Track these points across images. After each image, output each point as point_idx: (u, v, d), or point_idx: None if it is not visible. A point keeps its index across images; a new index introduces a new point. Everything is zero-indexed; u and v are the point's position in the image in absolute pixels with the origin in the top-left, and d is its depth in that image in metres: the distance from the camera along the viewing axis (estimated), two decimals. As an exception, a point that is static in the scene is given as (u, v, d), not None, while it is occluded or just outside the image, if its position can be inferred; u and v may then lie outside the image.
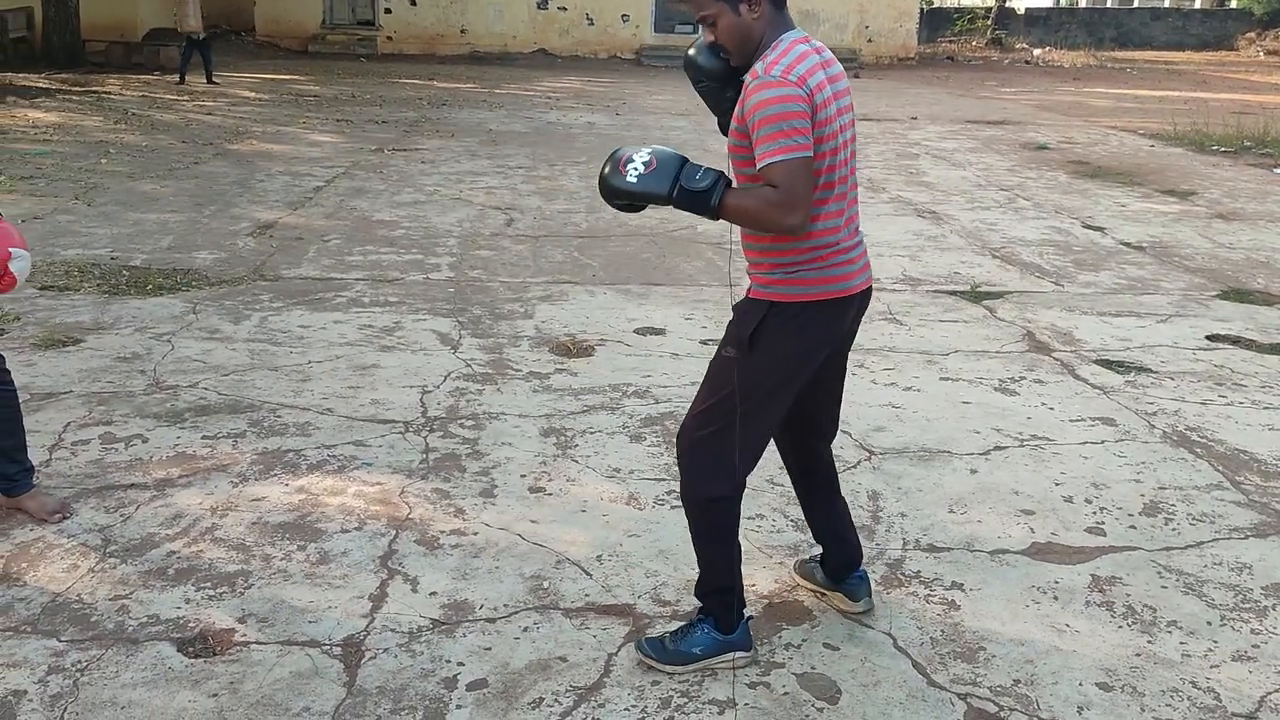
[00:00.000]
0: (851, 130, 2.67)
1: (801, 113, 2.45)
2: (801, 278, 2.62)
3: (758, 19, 2.57)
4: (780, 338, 2.64)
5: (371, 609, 3.07)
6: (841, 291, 2.67)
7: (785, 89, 2.45)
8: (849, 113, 2.66)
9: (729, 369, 2.67)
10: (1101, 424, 4.56)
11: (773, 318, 2.63)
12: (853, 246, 2.70)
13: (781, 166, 2.43)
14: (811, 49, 2.59)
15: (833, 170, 2.59)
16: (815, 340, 2.68)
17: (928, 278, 6.94)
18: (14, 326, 5.35)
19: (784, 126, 2.43)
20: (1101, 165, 11.72)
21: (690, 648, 2.82)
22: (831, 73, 2.61)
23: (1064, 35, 32.95)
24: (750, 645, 2.86)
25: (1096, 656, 2.95)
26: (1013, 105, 17.95)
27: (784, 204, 2.45)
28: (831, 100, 2.56)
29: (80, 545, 3.35)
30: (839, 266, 2.66)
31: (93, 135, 11.85)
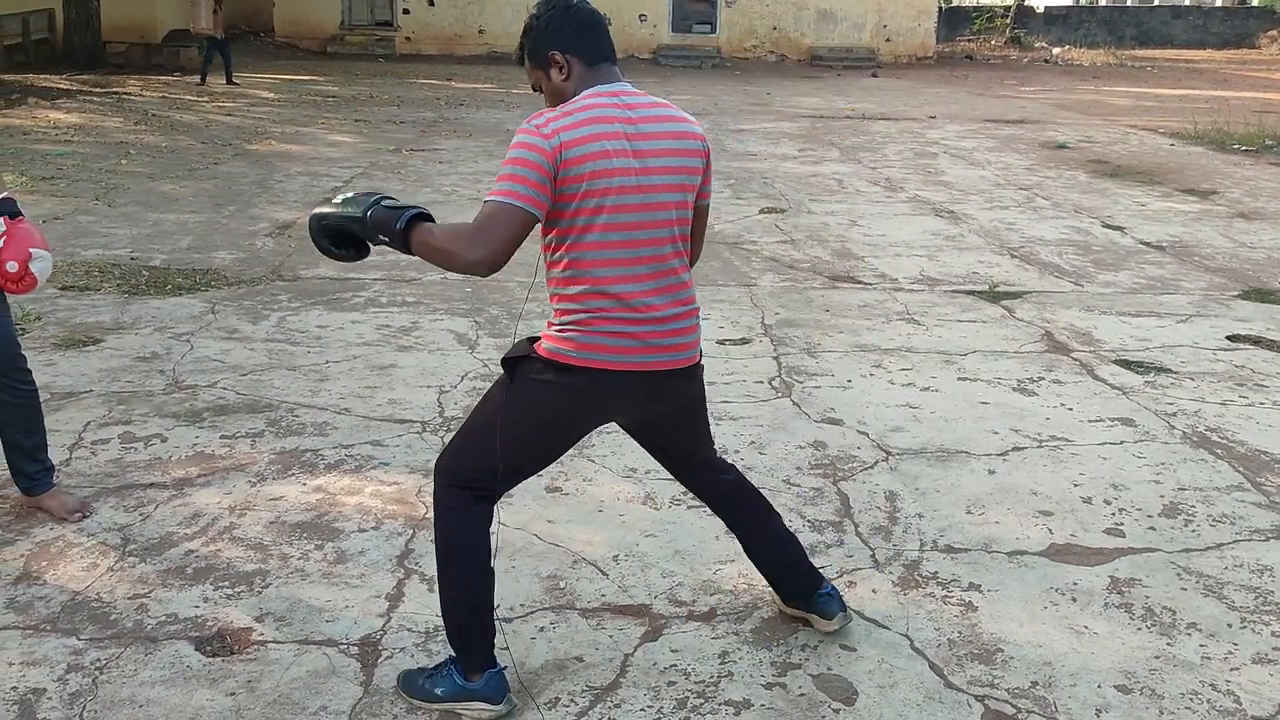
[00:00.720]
0: (669, 195, 2.51)
1: (534, 164, 2.36)
2: (563, 337, 2.49)
3: (566, 80, 2.52)
4: (531, 385, 2.52)
5: (388, 608, 3.07)
6: (612, 364, 2.48)
7: (529, 137, 2.38)
8: (670, 174, 2.50)
9: (491, 397, 2.62)
10: (1121, 424, 4.54)
11: (529, 361, 2.53)
12: (653, 320, 2.50)
13: (488, 206, 2.36)
14: (607, 103, 2.47)
15: (594, 230, 2.43)
16: (567, 403, 2.52)
17: (946, 277, 6.91)
18: (35, 326, 5.39)
19: (510, 171, 2.37)
20: (1121, 164, 11.65)
21: (433, 688, 2.64)
22: (640, 130, 2.48)
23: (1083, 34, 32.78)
24: (499, 699, 2.60)
25: (1115, 659, 2.93)
26: (1032, 104, 17.86)
27: (469, 238, 2.36)
28: (605, 156, 2.40)
29: (100, 544, 3.38)
30: (611, 336, 2.47)
31: (113, 136, 11.93)
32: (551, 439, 2.63)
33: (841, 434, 4.37)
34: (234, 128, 12.91)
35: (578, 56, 2.52)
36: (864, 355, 5.35)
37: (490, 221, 2.35)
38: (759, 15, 25.97)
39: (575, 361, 2.48)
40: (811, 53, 25.82)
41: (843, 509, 3.74)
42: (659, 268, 2.53)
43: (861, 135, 13.63)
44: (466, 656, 2.63)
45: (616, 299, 2.48)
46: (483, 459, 2.55)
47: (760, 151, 12.11)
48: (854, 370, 5.13)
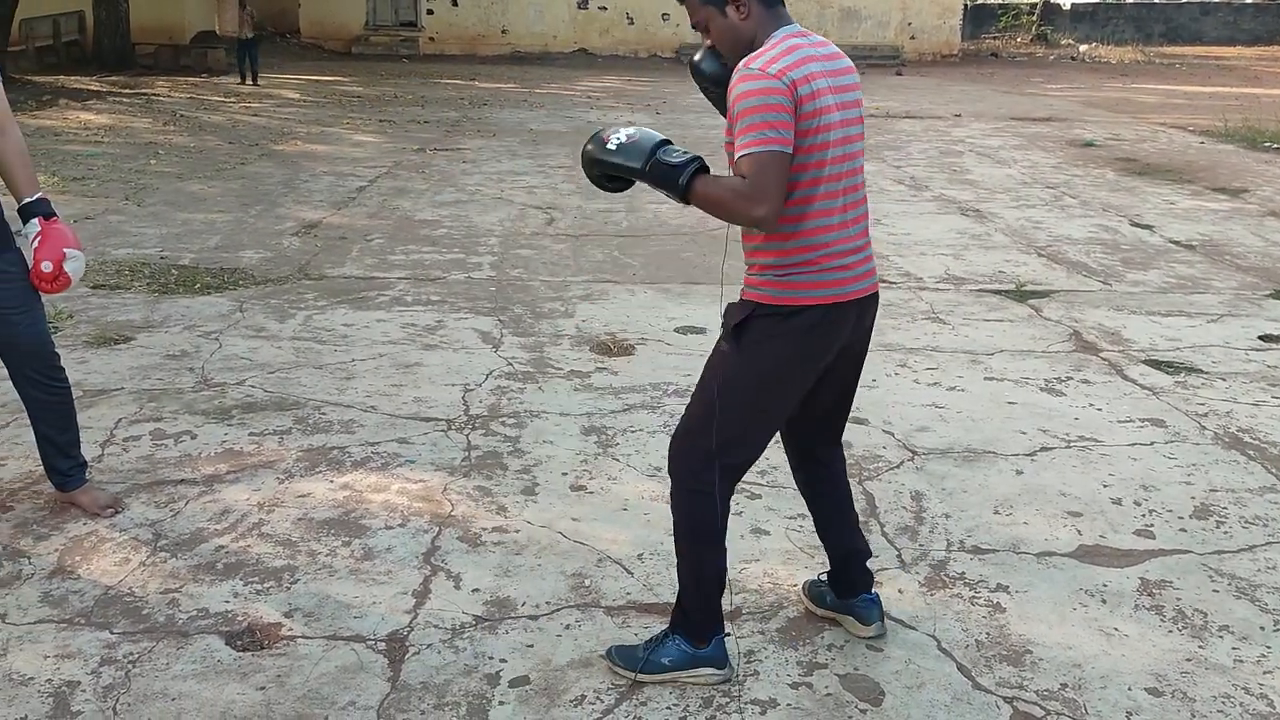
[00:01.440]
0: (856, 129, 2.59)
1: (778, 105, 2.38)
2: (790, 280, 2.54)
3: (745, 19, 2.52)
4: (767, 340, 2.56)
5: (415, 605, 3.09)
6: (835, 297, 2.57)
7: (762, 81, 2.39)
8: (852, 109, 2.57)
9: (720, 365, 2.63)
10: (1151, 425, 4.50)
11: (760, 319, 2.56)
12: (851, 250, 2.60)
13: (752, 159, 2.38)
14: (805, 43, 2.52)
15: (821, 166, 2.49)
16: (805, 345, 2.58)
17: (972, 276, 6.88)
18: (67, 325, 5.45)
19: (758, 119, 2.38)
20: (1150, 162, 11.56)
21: (660, 658, 2.73)
22: (831, 67, 2.53)
23: (1111, 31, 32.53)
24: (725, 664, 2.74)
25: (1146, 661, 2.91)
26: (1058, 102, 17.75)
27: (750, 195, 2.40)
28: (823, 94, 2.46)
29: (132, 539, 3.41)
30: (832, 271, 2.56)
31: (142, 136, 12.04)
32: (795, 388, 2.65)
33: (867, 433, 4.35)
34: (260, 128, 13.00)
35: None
36: (889, 354, 5.33)
37: (764, 174, 2.38)
38: (783, 14, 25.91)
39: (809, 301, 2.53)
40: (836, 51, 25.73)
41: (868, 509, 3.72)
42: (855, 198, 2.61)
43: (886, 134, 13.57)
44: (699, 625, 2.71)
45: (834, 233, 2.55)
46: (727, 432, 2.58)
47: (785, 150, 12.06)
48: (879, 370, 5.11)
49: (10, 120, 3.30)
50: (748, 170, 2.39)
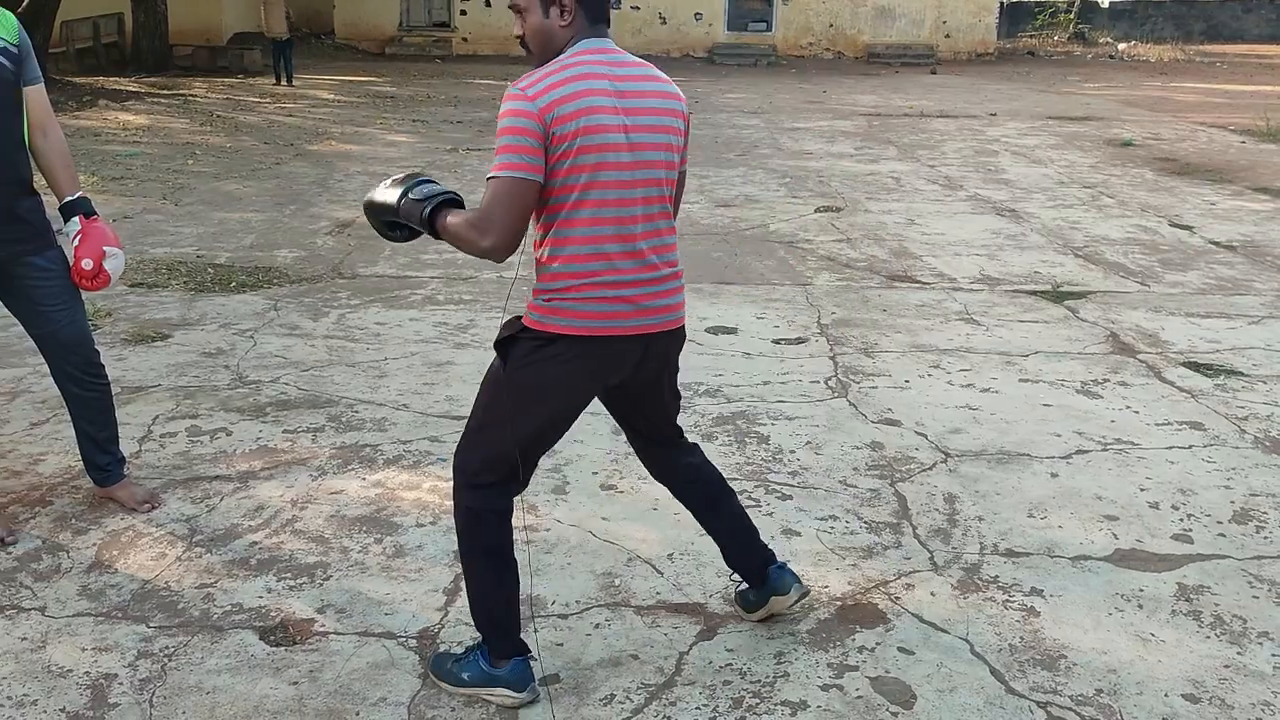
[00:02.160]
0: (659, 154, 2.48)
1: (525, 129, 2.31)
2: (555, 307, 2.45)
3: (566, 26, 2.43)
4: (529, 364, 2.49)
5: (445, 603, 3.10)
6: (607, 330, 2.45)
7: (516, 103, 2.33)
8: (653, 133, 2.46)
9: (490, 382, 2.59)
10: (1189, 428, 4.45)
11: (524, 340, 2.50)
12: (635, 283, 2.47)
13: (491, 184, 2.34)
14: (595, 59, 2.42)
15: (586, 190, 2.38)
16: (569, 376, 2.50)
17: (1007, 277, 6.82)
18: (106, 322, 5.52)
19: (505, 142, 2.33)
20: (1189, 162, 11.42)
21: (460, 672, 2.68)
22: (627, 88, 2.43)
23: (1150, 29, 32.17)
24: (523, 687, 2.62)
25: (1183, 667, 2.87)
26: (1096, 101, 17.57)
27: (477, 226, 2.36)
28: (597, 113, 2.36)
29: (168, 534, 3.45)
30: (608, 302, 2.44)
31: (179, 137, 12.17)
32: (557, 414, 2.58)
33: (899, 435, 4.33)
34: (295, 128, 13.10)
35: (585, 9, 2.45)
36: (922, 355, 5.30)
37: (494, 203, 2.34)
38: (815, 13, 25.82)
39: (570, 330, 2.45)
40: (868, 50, 25.62)
41: (900, 511, 3.70)
42: (648, 228, 2.51)
43: (920, 133, 13.49)
44: (494, 644, 2.65)
45: (607, 262, 2.44)
46: (498, 449, 2.53)
47: (816, 150, 12.04)
48: (912, 370, 5.08)
49: (52, 120, 3.35)
50: (485, 197, 2.35)
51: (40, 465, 3.91)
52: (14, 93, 3.17)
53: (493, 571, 2.63)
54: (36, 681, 2.71)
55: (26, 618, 2.98)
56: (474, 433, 2.60)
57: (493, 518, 2.60)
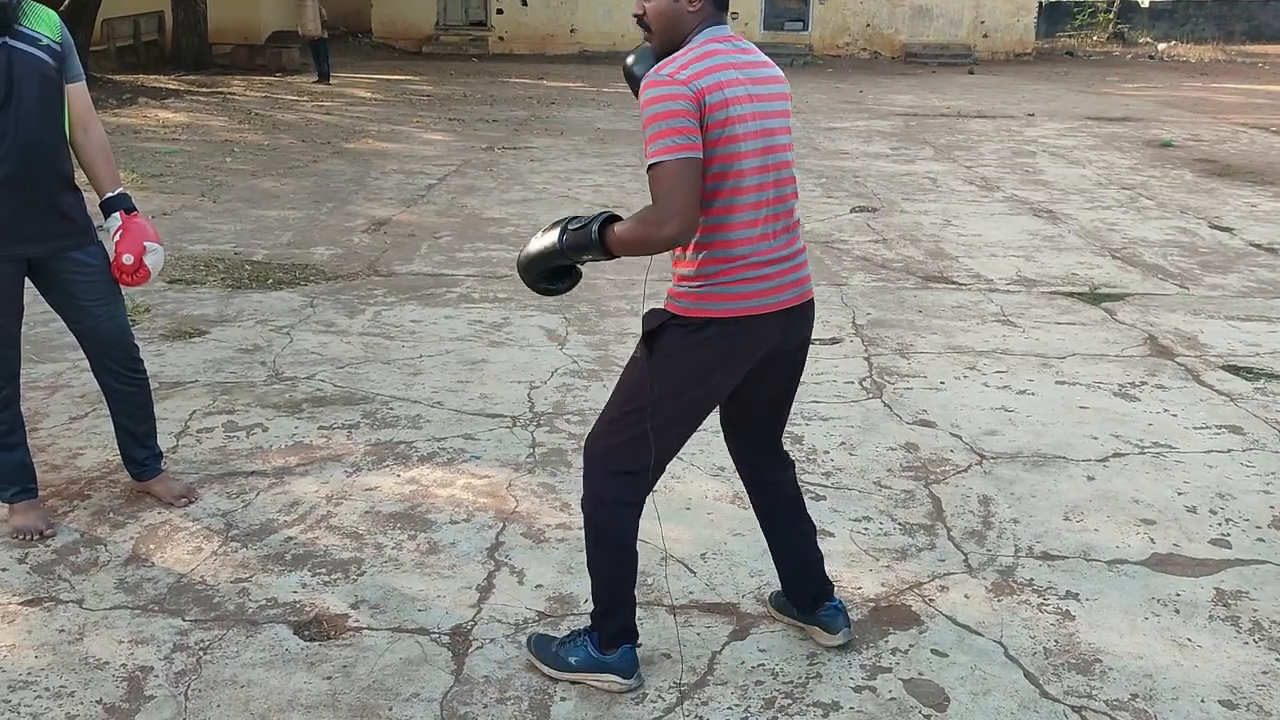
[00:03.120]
0: (781, 139, 2.53)
1: (683, 111, 2.33)
2: (706, 292, 2.48)
3: (694, 11, 2.45)
4: (678, 350, 2.50)
5: (479, 599, 3.11)
6: (755, 309, 2.49)
7: (667, 88, 2.34)
8: (774, 119, 2.51)
9: (632, 372, 2.58)
10: (1228, 432, 4.39)
11: (673, 328, 2.50)
12: (775, 260, 2.52)
13: (658, 171, 2.33)
14: (727, 48, 2.47)
15: (740, 176, 2.43)
16: (721, 358, 2.52)
17: (1044, 278, 6.76)
18: (145, 318, 5.58)
19: (663, 126, 2.33)
20: (1230, 163, 11.26)
21: (568, 656, 2.72)
22: (752, 75, 2.48)
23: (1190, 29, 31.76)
24: (630, 674, 2.69)
25: (1220, 673, 2.83)
26: (1135, 101, 17.37)
27: (658, 218, 2.35)
28: (737, 103, 2.40)
29: (204, 529, 3.48)
30: (752, 282, 2.49)
31: (218, 134, 12.29)
32: (705, 400, 2.61)
33: (934, 436, 4.30)
34: (332, 126, 13.20)
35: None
36: (957, 357, 5.26)
37: (667, 187, 2.34)
38: (852, 12, 25.70)
39: (722, 313, 2.48)
40: (906, 50, 25.47)
41: (935, 512, 3.68)
42: (781, 209, 2.55)
43: (957, 133, 13.40)
44: (608, 631, 2.69)
45: (751, 244, 2.48)
46: (636, 438, 2.54)
47: (852, 150, 11.98)
48: (947, 372, 5.04)
49: (93, 117, 3.39)
50: (654, 184, 2.35)
51: (79, 459, 3.97)
52: (57, 90, 3.22)
53: (616, 561, 2.68)
54: (73, 673, 2.75)
55: (64, 610, 3.02)
56: (611, 422, 2.62)
57: (622, 508, 2.63)
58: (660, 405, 2.51)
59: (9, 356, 3.33)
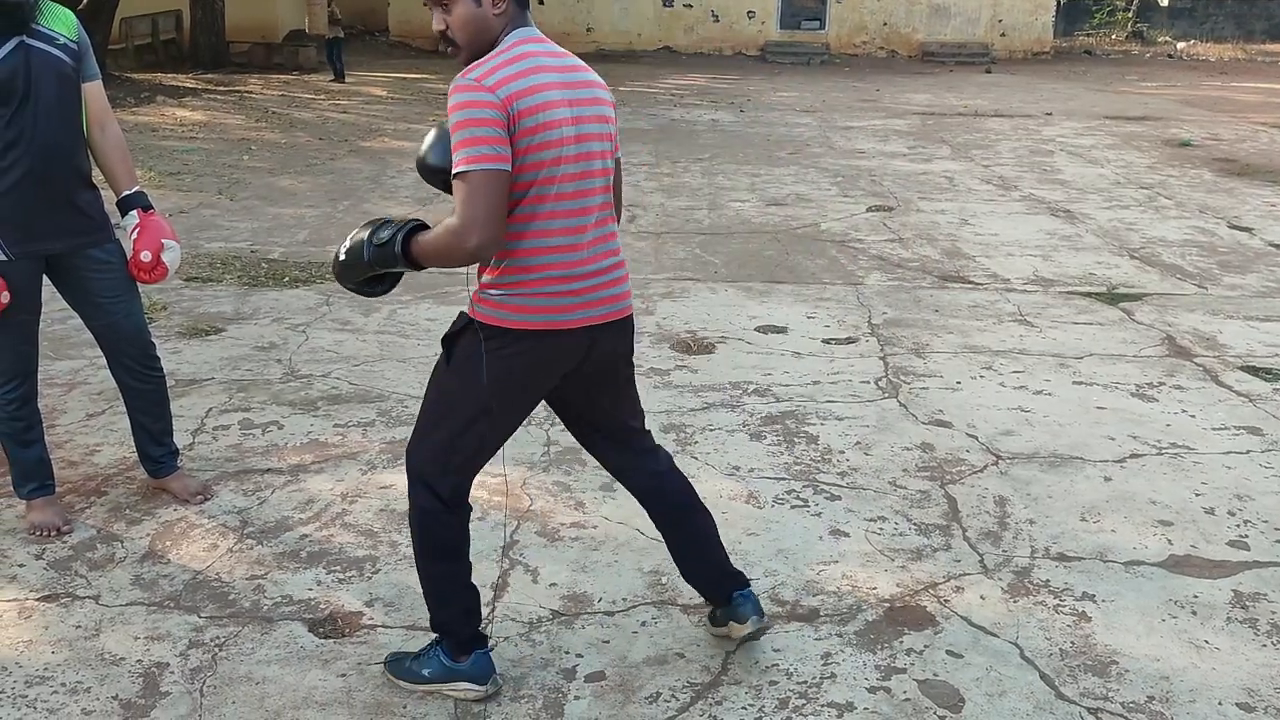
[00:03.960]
0: (598, 144, 2.44)
1: (489, 120, 2.24)
2: (505, 302, 2.40)
3: (500, 14, 2.35)
4: (477, 357, 2.44)
5: (493, 598, 3.12)
6: (555, 324, 2.41)
7: (474, 94, 2.25)
8: (593, 124, 2.42)
9: (436, 379, 2.55)
10: (1247, 433, 4.36)
11: (471, 335, 2.45)
12: (584, 275, 2.44)
13: (462, 181, 2.24)
14: (539, 50, 2.38)
15: (547, 184, 2.34)
16: (519, 369, 2.45)
17: (1061, 278, 6.72)
18: (161, 316, 5.61)
19: (467, 135, 2.24)
20: (1250, 163, 11.18)
21: (420, 669, 2.67)
22: (568, 79, 2.39)
23: (1210, 28, 31.56)
24: (486, 679, 2.65)
25: (1238, 676, 2.81)
26: (1154, 100, 17.27)
27: (459, 230, 2.26)
28: (553, 107, 2.32)
29: (220, 526, 3.50)
30: (555, 296, 2.40)
31: (235, 133, 12.33)
32: (511, 408, 2.55)
33: (950, 436, 4.28)
34: (349, 125, 13.23)
35: None
36: (974, 356, 5.24)
37: (471, 199, 2.24)
38: (869, 11, 25.62)
39: (521, 325, 2.41)
40: (923, 48, 25.38)
41: (950, 513, 3.66)
42: (594, 218, 2.47)
43: (974, 132, 13.34)
44: (454, 639, 2.65)
45: (558, 255, 2.40)
46: (449, 448, 2.50)
47: (869, 149, 11.94)
48: (963, 372, 5.02)
49: (110, 116, 3.41)
50: (457, 195, 2.26)
51: (96, 456, 3.99)
52: (74, 88, 3.23)
53: (449, 569, 2.63)
54: (90, 669, 2.76)
55: (81, 606, 3.04)
56: (423, 430, 2.57)
57: (447, 516, 2.57)
58: (467, 411, 2.46)
59: (28, 353, 3.35)
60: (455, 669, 2.65)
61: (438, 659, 2.67)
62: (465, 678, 2.64)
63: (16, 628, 2.93)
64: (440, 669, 2.66)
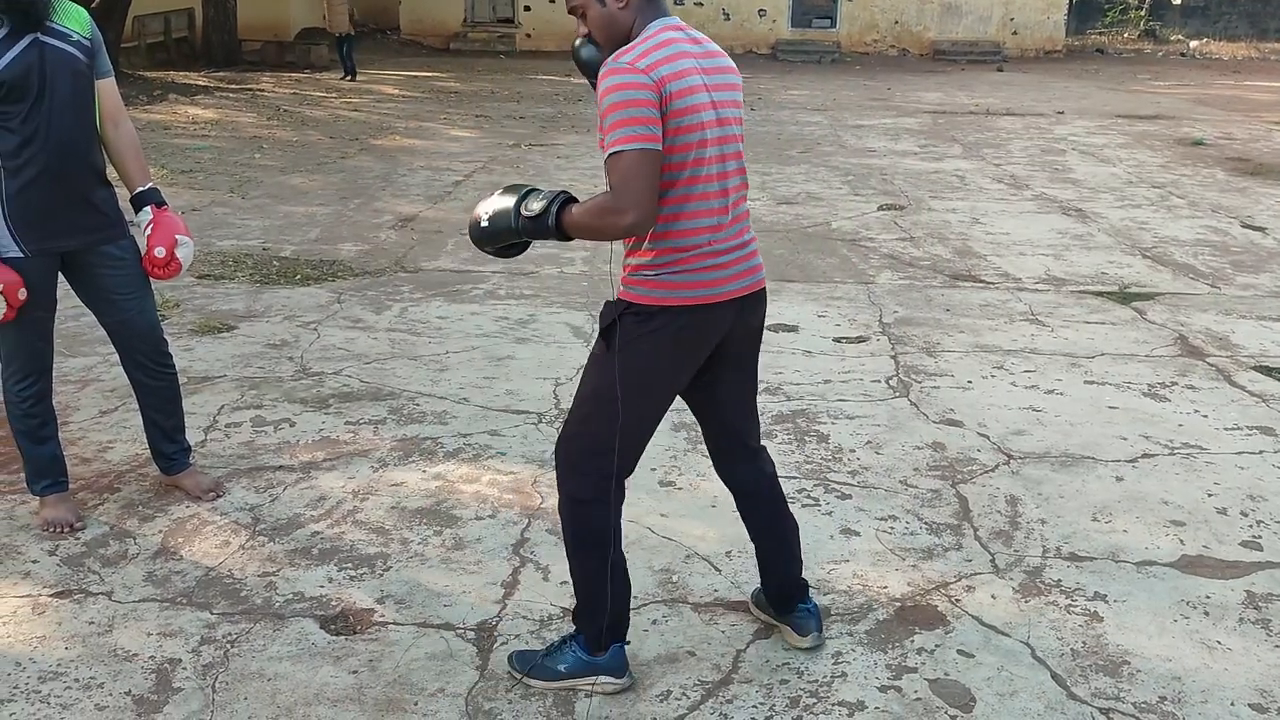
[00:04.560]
0: (734, 128, 2.51)
1: (644, 101, 2.31)
2: (660, 280, 2.47)
3: (624, 8, 2.43)
4: (636, 340, 2.49)
5: (504, 595, 3.12)
6: (707, 298, 2.49)
7: (628, 76, 2.31)
8: (729, 108, 2.50)
9: (595, 368, 2.58)
10: (1260, 433, 4.34)
11: (629, 318, 2.50)
12: (729, 249, 2.52)
13: (617, 160, 2.31)
14: (681, 36, 2.45)
15: (699, 165, 2.42)
16: (677, 346, 2.52)
17: (1073, 277, 6.70)
18: (174, 313, 5.63)
19: (623, 115, 2.30)
20: (1263, 162, 11.13)
21: (555, 664, 2.69)
22: (707, 64, 2.47)
23: (1223, 26, 31.40)
24: (622, 673, 2.68)
25: (1250, 676, 2.80)
26: (1166, 99, 17.20)
27: (616, 207, 2.34)
28: (696, 91, 2.40)
29: (232, 523, 3.51)
30: (706, 271, 2.48)
31: (247, 131, 12.37)
32: (668, 389, 2.61)
33: (961, 435, 4.28)
34: (360, 123, 13.26)
35: None
36: (985, 356, 5.23)
37: (625, 176, 2.32)
38: (881, 9, 25.57)
39: (676, 301, 2.47)
40: (934, 47, 25.32)
41: (961, 512, 3.66)
42: (735, 197, 2.54)
43: (985, 131, 13.31)
44: (595, 632, 2.66)
45: (706, 233, 2.48)
46: (606, 434, 2.53)
47: (879, 148, 11.92)
48: (975, 371, 5.01)
49: (124, 113, 3.42)
50: (612, 173, 2.33)
51: (109, 453, 4.00)
52: (88, 85, 3.24)
53: (599, 561, 2.63)
54: (103, 664, 2.78)
55: (94, 602, 3.05)
56: (579, 421, 2.61)
57: (599, 507, 2.60)
58: (627, 399, 2.50)
59: (42, 350, 3.36)
60: (594, 662, 2.67)
61: (574, 653, 2.68)
62: (604, 670, 2.67)
63: (30, 623, 2.95)
64: (578, 663, 2.68)
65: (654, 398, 2.59)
